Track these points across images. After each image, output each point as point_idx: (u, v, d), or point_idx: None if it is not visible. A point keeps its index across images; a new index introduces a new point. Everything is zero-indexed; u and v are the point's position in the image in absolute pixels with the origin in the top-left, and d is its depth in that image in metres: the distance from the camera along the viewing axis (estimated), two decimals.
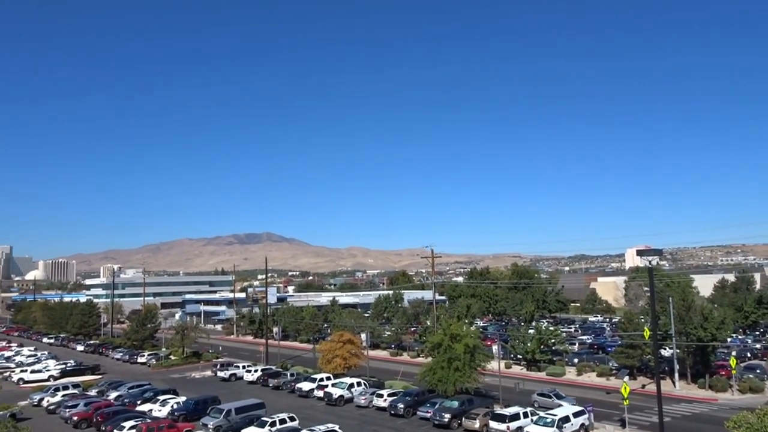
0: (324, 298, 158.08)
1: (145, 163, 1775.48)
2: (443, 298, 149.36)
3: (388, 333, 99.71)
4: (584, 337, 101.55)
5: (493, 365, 59.56)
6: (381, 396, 54.60)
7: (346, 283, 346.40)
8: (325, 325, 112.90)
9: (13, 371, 78.47)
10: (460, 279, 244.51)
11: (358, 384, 59.49)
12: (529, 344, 75.26)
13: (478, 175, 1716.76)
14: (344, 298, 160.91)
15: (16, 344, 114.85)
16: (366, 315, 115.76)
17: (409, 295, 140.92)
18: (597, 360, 75.40)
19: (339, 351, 66.14)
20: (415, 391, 55.01)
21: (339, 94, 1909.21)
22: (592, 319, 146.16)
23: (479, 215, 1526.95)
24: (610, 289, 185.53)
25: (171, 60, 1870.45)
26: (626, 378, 61.90)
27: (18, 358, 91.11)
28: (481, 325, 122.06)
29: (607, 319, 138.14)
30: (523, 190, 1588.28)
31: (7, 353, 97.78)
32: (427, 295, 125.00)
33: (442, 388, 52.23)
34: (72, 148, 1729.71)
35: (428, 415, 48.89)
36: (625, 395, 44.89)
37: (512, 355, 79.50)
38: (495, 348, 62.76)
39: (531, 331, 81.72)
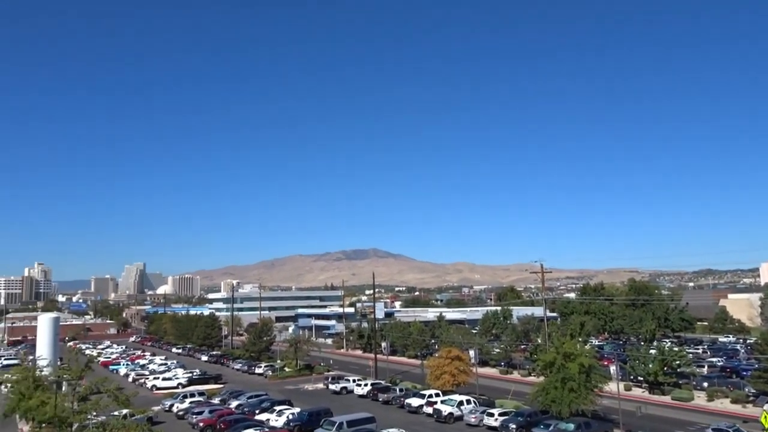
0: (431, 314, 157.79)
1: (261, 185, 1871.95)
2: (554, 314, 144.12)
3: (497, 350, 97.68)
4: (714, 359, 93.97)
5: (611, 387, 56.55)
6: (492, 415, 53.50)
7: (452, 298, 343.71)
8: (433, 341, 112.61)
9: (147, 378, 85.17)
10: (572, 295, 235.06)
11: (468, 402, 58.68)
12: (650, 365, 70.73)
13: (589, 187, 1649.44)
14: (451, 313, 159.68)
15: (149, 353, 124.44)
16: (474, 331, 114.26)
17: (518, 311, 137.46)
18: (730, 385, 69.46)
19: (447, 367, 65.72)
20: (527, 411, 53.42)
21: (447, 109, 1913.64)
22: (722, 339, 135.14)
23: (591, 229, 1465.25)
24: (743, 307, 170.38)
25: (275, 72, 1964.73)
26: (766, 405, 56.41)
27: (151, 366, 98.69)
28: (597, 343, 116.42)
29: (741, 340, 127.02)
30: (637, 200, 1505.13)
31: (142, 361, 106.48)
32: (537, 311, 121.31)
33: (557, 409, 50.34)
34: (193, 175, 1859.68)
35: None
36: (766, 425, 41.02)
37: (632, 377, 75.03)
38: (612, 369, 59.60)
39: (652, 351, 76.77)
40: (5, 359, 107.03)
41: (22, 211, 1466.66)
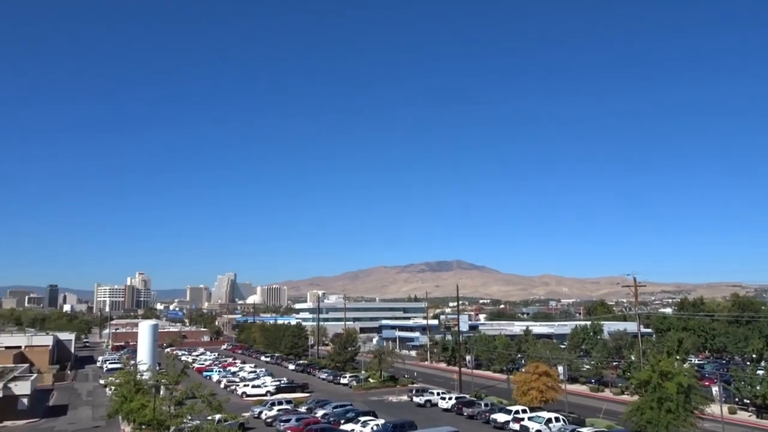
0: (517, 328, 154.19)
1: (346, 196, 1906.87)
2: (649, 330, 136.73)
3: (587, 367, 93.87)
4: None
5: (714, 409, 52.85)
6: None
7: (539, 312, 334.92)
8: (519, 356, 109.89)
9: (238, 385, 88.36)
10: (668, 310, 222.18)
11: (557, 419, 56.71)
12: (758, 387, 65.51)
13: (687, 196, 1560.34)
14: (538, 327, 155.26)
15: (239, 361, 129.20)
16: (562, 346, 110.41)
17: (609, 326, 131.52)
18: None
19: (535, 383, 63.81)
20: None
21: (535, 119, 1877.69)
22: None
23: (689, 239, 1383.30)
24: None
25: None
26: None
27: (241, 374, 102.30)
28: (697, 362, 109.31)
29: None
30: (740, 211, 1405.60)
31: (233, 369, 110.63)
32: (630, 326, 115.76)
33: (653, 430, 47.51)
34: (281, 188, 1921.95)
35: None
36: None
37: (737, 399, 69.78)
38: (715, 389, 55.81)
39: (760, 372, 71.11)
40: (110, 363, 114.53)
41: (126, 225, 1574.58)
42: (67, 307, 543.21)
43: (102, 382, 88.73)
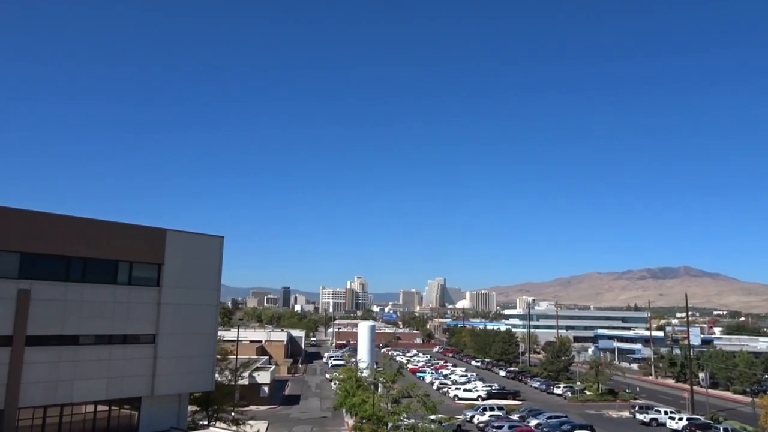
0: (762, 344, 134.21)
1: (557, 201, 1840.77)
2: None
3: None
4: None
5: None
6: None
7: None
8: (766, 376, 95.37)
9: (450, 388, 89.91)
10: None
11: None
12: None
13: None
14: None
15: (450, 364, 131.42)
16: None
17: None
18: None
19: None
20: None
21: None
22: None
23: None
24: None
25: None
26: None
27: (453, 377, 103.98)
28: None
29: None
30: None
31: (444, 371, 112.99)
32: None
33: None
34: (487, 195, 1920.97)
35: None
36: None
37: None
38: None
39: None
40: (334, 359, 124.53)
41: (347, 233, 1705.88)
42: (297, 307, 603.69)
43: (328, 376, 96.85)
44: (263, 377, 75.99)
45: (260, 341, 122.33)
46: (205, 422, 43.98)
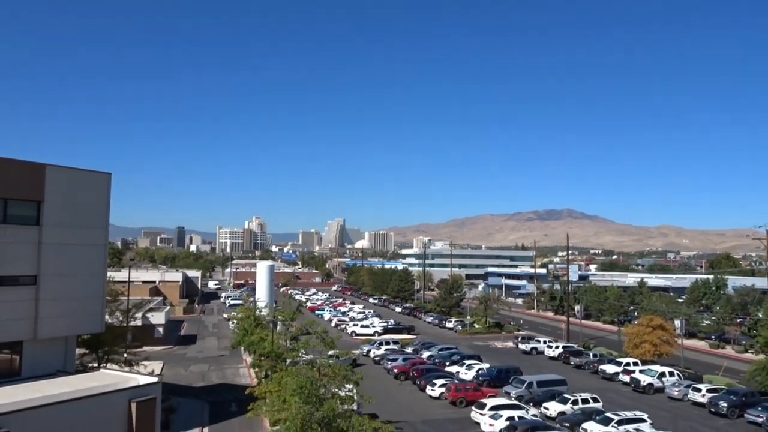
0: (630, 279, 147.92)
1: (453, 145, 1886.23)
2: None
3: (707, 322, 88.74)
4: None
5: None
6: (698, 390, 49.23)
7: (655, 264, 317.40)
8: (632, 308, 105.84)
9: (348, 324, 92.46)
10: None
11: (671, 374, 54.61)
12: None
13: None
14: (654, 280, 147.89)
15: (349, 302, 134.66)
16: (679, 300, 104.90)
17: (734, 281, 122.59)
18: None
19: (648, 336, 61.56)
20: (742, 391, 48.18)
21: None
22: None
23: None
24: None
25: None
26: None
27: (351, 314, 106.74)
28: None
29: None
30: None
31: (343, 309, 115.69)
32: (759, 282, 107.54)
33: None
34: (385, 138, 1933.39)
35: (760, 419, 42.48)
36: None
37: None
38: None
39: None
40: (232, 299, 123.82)
41: (245, 174, 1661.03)
42: (193, 248, 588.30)
43: (225, 316, 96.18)
44: (157, 318, 74.42)
45: (154, 282, 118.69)
46: (95, 364, 42.52)
